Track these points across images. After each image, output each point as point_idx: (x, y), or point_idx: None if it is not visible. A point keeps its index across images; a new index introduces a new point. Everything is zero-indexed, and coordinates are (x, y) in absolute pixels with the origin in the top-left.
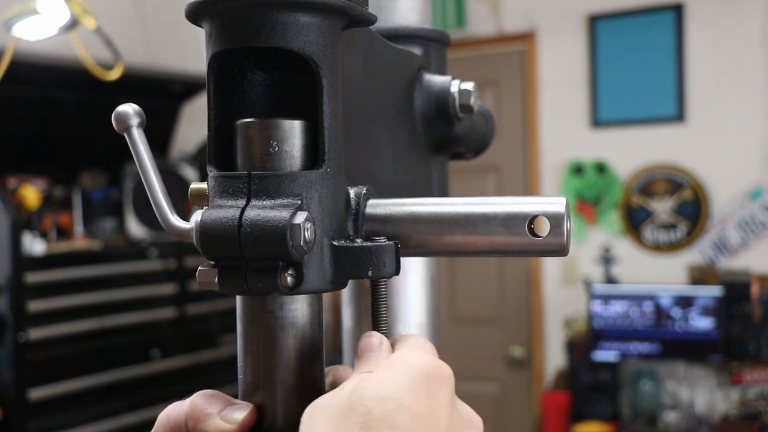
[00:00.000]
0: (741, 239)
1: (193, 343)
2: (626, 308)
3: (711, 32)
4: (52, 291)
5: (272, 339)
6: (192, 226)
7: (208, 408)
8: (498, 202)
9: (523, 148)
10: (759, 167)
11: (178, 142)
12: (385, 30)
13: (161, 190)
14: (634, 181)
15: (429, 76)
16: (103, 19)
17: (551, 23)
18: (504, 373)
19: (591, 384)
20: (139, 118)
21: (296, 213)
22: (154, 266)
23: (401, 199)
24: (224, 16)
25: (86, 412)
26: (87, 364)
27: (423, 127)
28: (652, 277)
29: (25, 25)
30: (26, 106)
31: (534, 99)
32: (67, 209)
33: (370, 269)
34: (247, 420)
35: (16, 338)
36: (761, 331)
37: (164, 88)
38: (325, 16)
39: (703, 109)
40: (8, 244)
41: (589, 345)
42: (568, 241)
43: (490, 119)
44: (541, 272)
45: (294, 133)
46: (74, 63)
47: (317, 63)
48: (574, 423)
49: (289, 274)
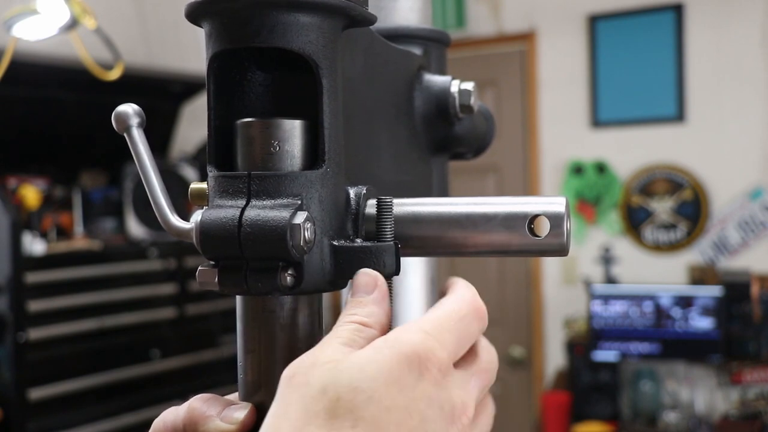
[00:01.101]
0: (741, 239)
1: (193, 343)
2: (626, 308)
3: (711, 32)
4: (52, 291)
5: (272, 338)
6: (192, 226)
7: (207, 411)
8: (498, 202)
9: (523, 148)
10: (759, 167)
11: (178, 142)
12: (385, 30)
13: (161, 190)
14: (634, 181)
15: (429, 76)
16: (103, 19)
17: (551, 23)
18: (504, 373)
19: (591, 384)
20: (139, 118)
21: (296, 213)
22: (154, 266)
23: (401, 199)
24: (224, 16)
25: (86, 412)
26: (87, 364)
27: (423, 127)
28: (652, 277)
29: (25, 25)
30: (26, 106)
31: (534, 99)
32: (67, 209)
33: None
34: (248, 419)
35: (16, 338)
36: (761, 331)
37: (164, 88)
38: (325, 16)
39: (703, 109)
40: (8, 244)
41: (589, 345)
42: (568, 241)
43: (490, 119)
44: (541, 272)
45: (295, 132)
46: (74, 63)
47: (317, 63)
48: (574, 423)
49: (289, 274)
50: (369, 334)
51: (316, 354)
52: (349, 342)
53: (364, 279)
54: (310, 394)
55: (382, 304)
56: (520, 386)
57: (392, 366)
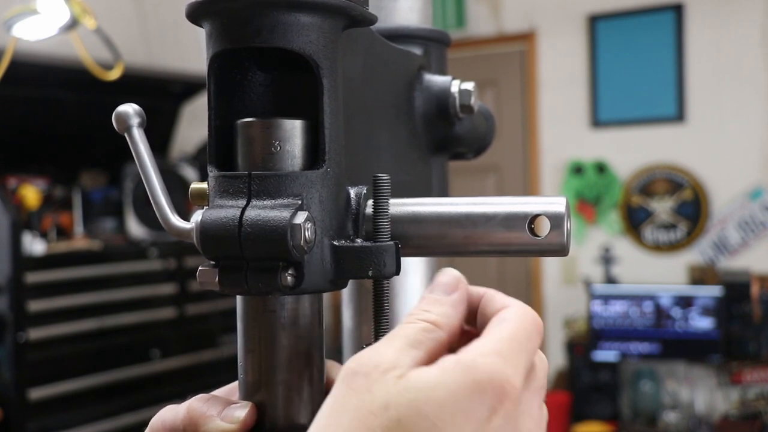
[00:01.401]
0: (741, 239)
1: (193, 343)
2: (626, 308)
3: (711, 32)
4: (52, 291)
5: (273, 338)
6: (192, 226)
7: (208, 411)
8: (498, 201)
9: (523, 148)
10: (759, 167)
11: (178, 142)
12: (386, 30)
13: (161, 190)
14: (634, 181)
15: (429, 76)
16: (103, 19)
17: (551, 23)
18: None
19: (591, 384)
20: (139, 118)
21: (296, 213)
22: (154, 266)
23: (401, 199)
24: (224, 16)
25: (86, 412)
26: (87, 364)
27: (423, 127)
28: (652, 277)
29: (25, 25)
30: (26, 106)
31: (534, 99)
32: (67, 209)
33: (370, 269)
34: (248, 418)
35: (16, 338)
36: (761, 331)
37: (164, 88)
38: (326, 16)
39: (703, 109)
40: (8, 244)
41: (589, 345)
42: (568, 241)
43: (490, 119)
44: (541, 272)
45: (295, 132)
46: (74, 63)
47: (317, 63)
48: (574, 423)
49: (290, 274)
50: (437, 337)
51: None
52: (415, 343)
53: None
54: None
55: (459, 308)
56: None
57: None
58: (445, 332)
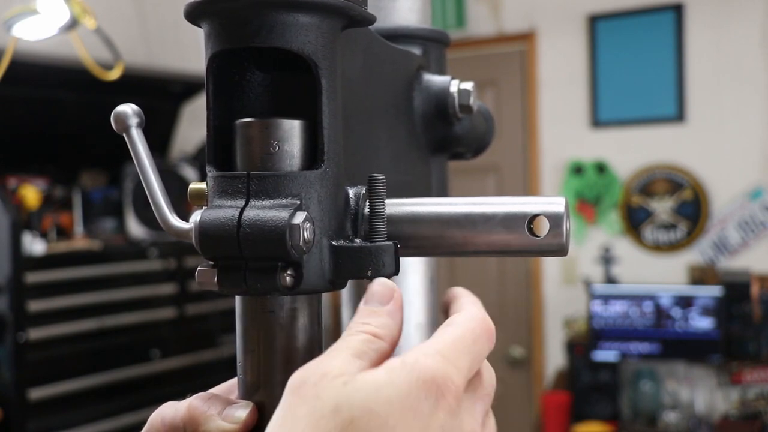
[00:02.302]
0: (741, 239)
1: (193, 343)
2: (626, 308)
3: (711, 32)
4: (52, 291)
5: (272, 339)
6: (191, 226)
7: (208, 410)
8: (498, 201)
9: (523, 148)
10: (759, 167)
11: (178, 142)
12: (385, 30)
13: (160, 190)
14: (634, 181)
15: (428, 76)
16: (103, 19)
17: (551, 23)
18: (504, 373)
19: (591, 384)
20: (138, 118)
21: (295, 213)
22: (154, 266)
23: (401, 199)
24: (223, 16)
25: (86, 412)
26: (87, 364)
27: (422, 127)
28: (652, 277)
29: (25, 25)
30: (26, 106)
31: (534, 99)
32: (67, 209)
33: (369, 269)
34: (249, 419)
35: (16, 338)
36: (761, 331)
37: (164, 88)
38: (325, 16)
39: (703, 109)
40: (8, 244)
41: (589, 345)
42: (568, 241)
43: (489, 119)
44: (541, 272)
45: (294, 132)
46: (74, 63)
47: (316, 63)
48: (574, 423)
49: (289, 274)
50: (380, 347)
51: (325, 363)
52: (359, 353)
53: (380, 289)
54: (321, 411)
55: (396, 316)
56: (520, 386)
57: (410, 391)
58: (387, 342)
